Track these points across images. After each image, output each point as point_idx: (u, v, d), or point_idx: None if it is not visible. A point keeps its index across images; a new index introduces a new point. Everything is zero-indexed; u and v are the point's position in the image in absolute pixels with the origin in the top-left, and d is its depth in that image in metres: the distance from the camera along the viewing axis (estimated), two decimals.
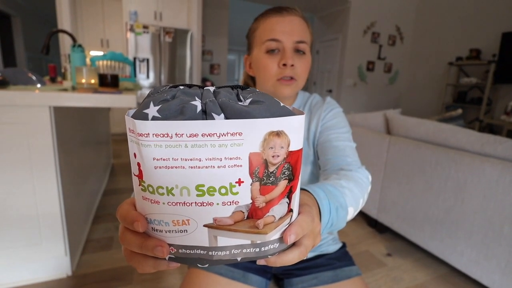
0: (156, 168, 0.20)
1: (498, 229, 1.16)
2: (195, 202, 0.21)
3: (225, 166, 0.20)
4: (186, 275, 0.63)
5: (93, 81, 1.31)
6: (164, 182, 0.20)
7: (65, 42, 3.38)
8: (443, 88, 4.46)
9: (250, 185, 0.21)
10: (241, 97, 0.22)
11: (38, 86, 1.20)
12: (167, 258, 0.24)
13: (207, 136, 0.19)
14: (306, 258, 0.63)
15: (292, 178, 0.23)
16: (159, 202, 0.21)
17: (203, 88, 0.22)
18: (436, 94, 4.72)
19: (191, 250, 0.23)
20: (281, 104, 0.22)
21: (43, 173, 1.06)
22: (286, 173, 0.22)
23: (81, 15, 3.73)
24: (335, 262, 0.65)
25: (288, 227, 0.24)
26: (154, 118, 0.19)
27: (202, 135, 0.19)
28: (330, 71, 5.02)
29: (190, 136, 0.19)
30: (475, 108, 4.14)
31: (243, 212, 0.22)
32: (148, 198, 0.21)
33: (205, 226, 0.22)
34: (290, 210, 0.24)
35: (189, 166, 0.20)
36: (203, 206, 0.21)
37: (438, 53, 4.65)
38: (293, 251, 0.26)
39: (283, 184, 0.22)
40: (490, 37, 3.94)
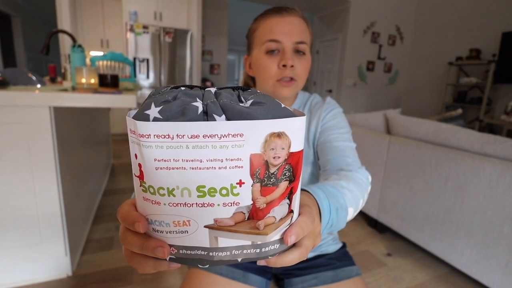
0: (157, 169, 0.20)
1: (498, 229, 1.16)
2: (196, 203, 0.21)
3: (226, 167, 0.20)
4: (186, 275, 0.63)
5: (93, 81, 1.31)
6: (165, 183, 0.20)
7: (65, 42, 3.37)
8: (443, 88, 4.46)
9: (251, 186, 0.21)
10: (242, 98, 0.22)
11: (38, 86, 1.20)
12: (168, 259, 0.24)
13: (208, 137, 0.19)
14: (306, 258, 0.63)
15: (293, 179, 0.23)
16: (160, 203, 0.21)
17: (204, 89, 0.22)
18: (436, 94, 4.72)
19: (192, 251, 0.23)
20: (282, 105, 0.22)
21: (43, 173, 1.07)
22: (287, 174, 0.22)
23: (81, 15, 3.73)
24: (335, 262, 0.65)
25: (288, 228, 0.25)
26: (155, 119, 0.19)
27: (203, 136, 0.19)
28: (330, 71, 5.02)
29: (191, 137, 0.19)
30: (475, 108, 4.15)
31: (244, 213, 0.22)
32: (149, 199, 0.21)
33: (206, 227, 0.22)
34: (291, 211, 0.24)
35: (190, 167, 0.20)
36: (204, 207, 0.21)
37: (438, 53, 4.65)
38: (293, 252, 0.26)
39: (284, 185, 0.22)
40: (490, 37, 3.94)
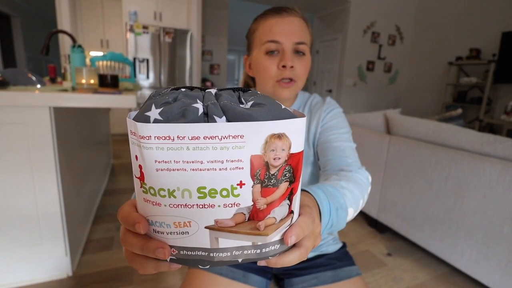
0: (157, 170, 0.20)
1: (498, 229, 1.16)
2: (197, 204, 0.21)
3: (226, 168, 0.20)
4: (186, 275, 0.63)
5: (93, 81, 1.30)
6: (165, 184, 0.20)
7: (65, 42, 3.37)
8: (443, 87, 4.46)
9: (252, 187, 0.21)
10: (242, 99, 0.22)
11: (38, 86, 1.20)
12: (168, 260, 0.24)
13: (209, 138, 0.19)
14: (306, 258, 0.63)
15: (293, 180, 0.23)
16: (161, 204, 0.21)
17: (205, 90, 0.22)
18: (436, 94, 4.72)
19: (192, 252, 0.23)
20: (282, 106, 0.22)
21: (43, 173, 1.07)
22: (287, 175, 0.22)
23: (80, 16, 3.73)
24: (336, 262, 0.65)
25: (288, 229, 0.25)
26: (156, 121, 0.19)
27: (204, 138, 0.19)
28: (330, 71, 5.02)
29: (192, 138, 0.19)
30: (475, 107, 4.15)
31: (244, 214, 0.22)
32: (149, 200, 0.21)
33: (206, 228, 0.22)
34: (291, 212, 0.24)
35: (190, 169, 0.20)
36: (205, 208, 0.21)
37: (438, 53, 4.65)
38: (293, 252, 0.26)
39: (284, 186, 0.22)
40: (490, 36, 3.94)
